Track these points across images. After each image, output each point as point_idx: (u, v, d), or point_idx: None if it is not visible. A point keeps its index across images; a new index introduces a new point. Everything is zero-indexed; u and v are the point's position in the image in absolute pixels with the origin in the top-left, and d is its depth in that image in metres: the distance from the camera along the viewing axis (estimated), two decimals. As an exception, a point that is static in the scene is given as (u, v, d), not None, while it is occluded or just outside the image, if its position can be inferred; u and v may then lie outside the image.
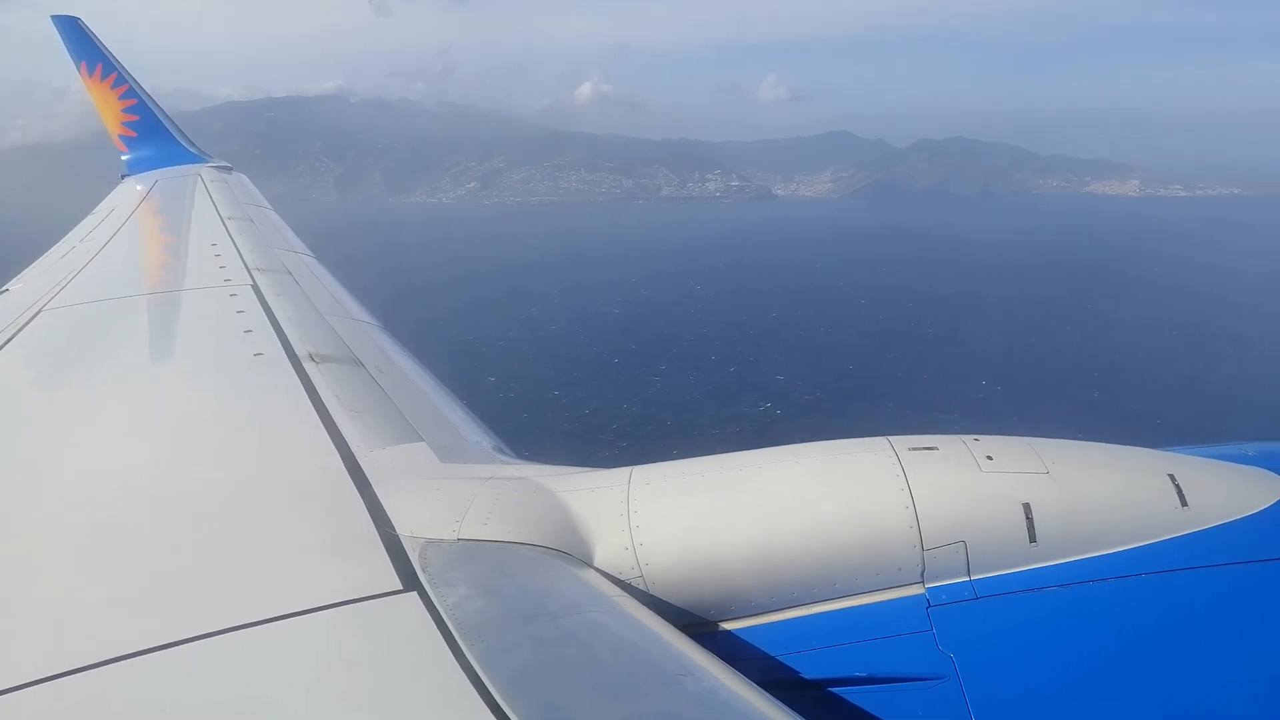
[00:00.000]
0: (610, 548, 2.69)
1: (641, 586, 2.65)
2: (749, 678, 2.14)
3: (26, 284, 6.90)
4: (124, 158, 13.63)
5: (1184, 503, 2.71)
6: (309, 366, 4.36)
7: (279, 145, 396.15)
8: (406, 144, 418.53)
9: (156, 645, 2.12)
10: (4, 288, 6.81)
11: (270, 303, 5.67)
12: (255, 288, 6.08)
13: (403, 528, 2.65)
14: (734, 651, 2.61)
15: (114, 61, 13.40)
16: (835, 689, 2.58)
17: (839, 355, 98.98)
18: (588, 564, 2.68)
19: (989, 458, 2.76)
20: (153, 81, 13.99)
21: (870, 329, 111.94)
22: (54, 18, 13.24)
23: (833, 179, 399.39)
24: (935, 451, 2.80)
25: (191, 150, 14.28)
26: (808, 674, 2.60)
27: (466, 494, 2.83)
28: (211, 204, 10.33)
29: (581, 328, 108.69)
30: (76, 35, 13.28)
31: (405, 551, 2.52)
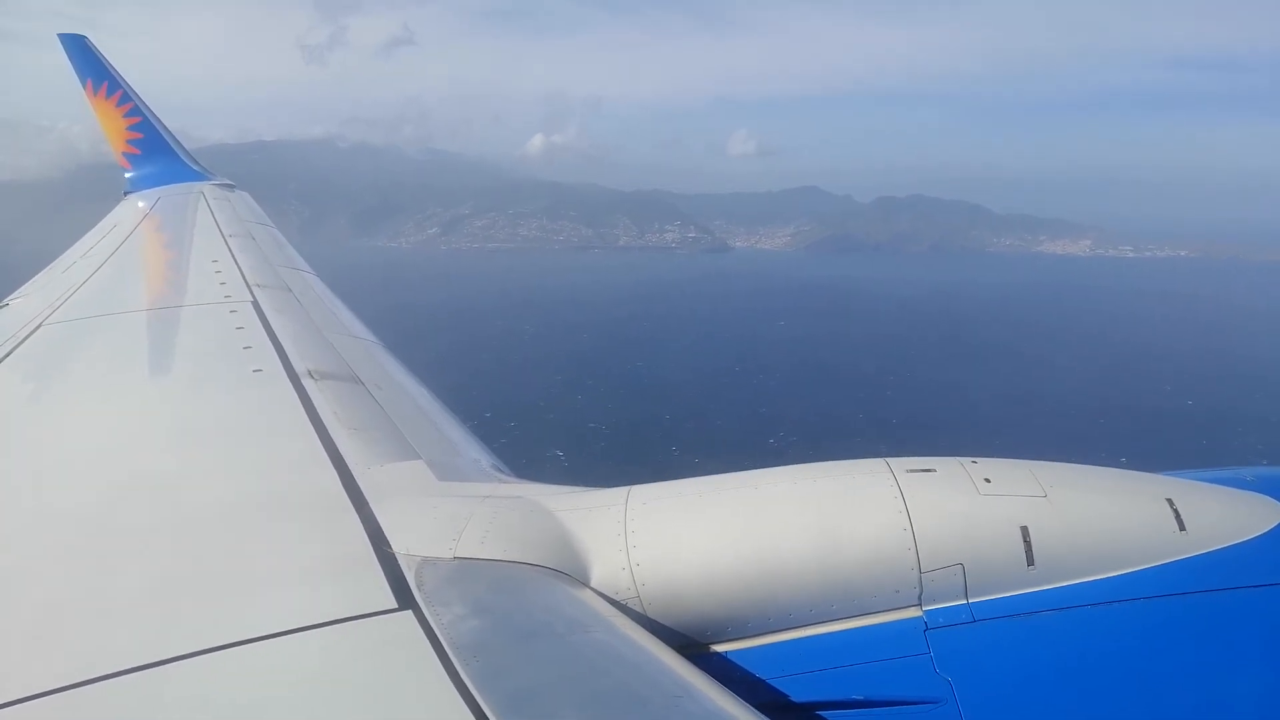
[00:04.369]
0: (607, 567, 2.68)
1: (638, 607, 2.64)
2: (745, 700, 2.13)
3: (27, 299, 6.92)
4: (127, 175, 13.79)
5: (1182, 527, 2.70)
6: (308, 383, 4.38)
7: (254, 187, 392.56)
8: (380, 189, 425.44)
9: (150, 662, 2.11)
10: (4, 302, 6.83)
11: (270, 319, 5.70)
12: (255, 304, 6.10)
13: (399, 546, 2.65)
14: (730, 674, 2.60)
15: (119, 79, 13.56)
16: (830, 712, 2.55)
17: (663, 406, 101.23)
18: (584, 584, 2.67)
19: (987, 480, 2.76)
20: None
21: (721, 381, 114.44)
22: (61, 36, 13.37)
23: (794, 233, 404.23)
24: (933, 474, 2.80)
25: (195, 168, 14.42)
26: (803, 697, 2.57)
27: (463, 512, 2.84)
28: (213, 221, 10.32)
29: (448, 372, 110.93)
30: (83, 53, 13.46)
31: (401, 570, 2.51)
